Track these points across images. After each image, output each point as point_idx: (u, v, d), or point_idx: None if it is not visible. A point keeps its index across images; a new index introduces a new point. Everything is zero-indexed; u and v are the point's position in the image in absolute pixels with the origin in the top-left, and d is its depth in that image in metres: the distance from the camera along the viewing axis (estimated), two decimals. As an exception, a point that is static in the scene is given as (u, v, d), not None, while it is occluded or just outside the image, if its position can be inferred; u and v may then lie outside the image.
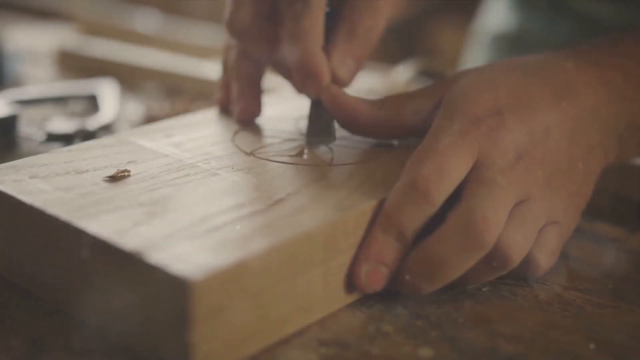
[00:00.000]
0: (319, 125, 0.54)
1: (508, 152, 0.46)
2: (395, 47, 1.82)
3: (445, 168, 0.45)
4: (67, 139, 0.67)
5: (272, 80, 0.78)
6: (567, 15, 0.79)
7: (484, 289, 0.48)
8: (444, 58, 1.05)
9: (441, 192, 0.44)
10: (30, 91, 0.79)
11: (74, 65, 0.94)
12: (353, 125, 0.52)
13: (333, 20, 0.55)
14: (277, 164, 0.51)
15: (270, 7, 0.56)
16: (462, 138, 0.46)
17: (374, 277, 0.45)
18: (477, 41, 0.97)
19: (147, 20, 1.10)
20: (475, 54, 0.96)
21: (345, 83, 0.54)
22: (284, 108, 0.62)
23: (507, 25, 0.89)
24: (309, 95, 0.54)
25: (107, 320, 0.42)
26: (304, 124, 0.58)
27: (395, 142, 0.54)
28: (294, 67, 0.53)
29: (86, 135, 0.67)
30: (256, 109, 0.58)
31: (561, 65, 0.51)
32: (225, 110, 0.60)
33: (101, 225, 0.42)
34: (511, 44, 0.88)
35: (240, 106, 0.58)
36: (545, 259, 0.47)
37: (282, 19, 0.54)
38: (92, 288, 0.42)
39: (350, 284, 0.45)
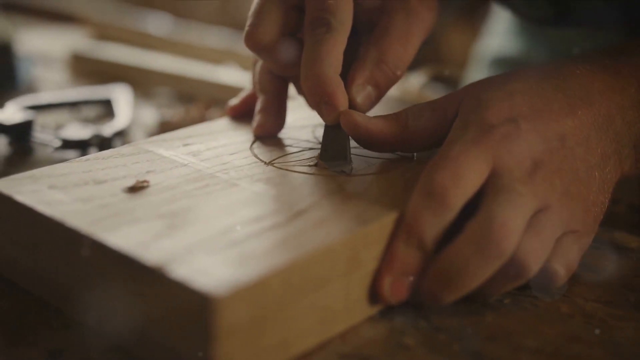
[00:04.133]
0: (334, 149, 0.53)
1: (524, 160, 0.46)
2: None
3: (460, 174, 0.44)
4: (82, 146, 0.67)
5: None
6: (571, 46, 0.79)
7: (505, 301, 0.47)
8: (455, 63, 1.05)
9: (458, 198, 0.44)
10: (44, 96, 0.79)
11: (86, 69, 0.94)
12: (380, 147, 0.52)
13: (357, 45, 0.54)
14: (297, 174, 0.50)
15: (296, 22, 0.54)
16: (476, 145, 0.46)
17: (398, 288, 0.44)
18: (478, 62, 0.96)
19: (158, 24, 1.10)
20: (476, 75, 0.95)
21: (362, 111, 0.53)
22: (301, 116, 0.61)
23: (510, 49, 0.88)
24: (324, 120, 0.52)
25: (127, 333, 0.42)
26: (321, 133, 0.57)
27: (415, 153, 0.54)
28: (309, 91, 0.51)
29: (101, 141, 0.67)
30: (273, 125, 0.57)
31: (575, 73, 0.51)
32: (234, 119, 0.60)
33: (122, 238, 0.41)
34: (512, 68, 0.87)
35: (258, 121, 0.57)
36: (563, 269, 0.47)
37: (304, 41, 0.52)
38: (112, 300, 0.42)
39: (372, 296, 0.45)
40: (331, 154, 0.53)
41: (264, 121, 0.57)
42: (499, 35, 0.91)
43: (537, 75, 0.51)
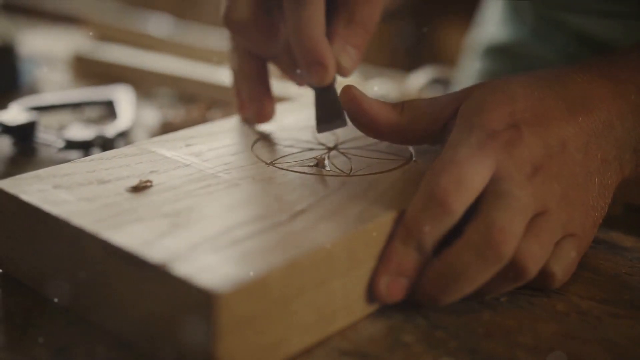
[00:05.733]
0: (329, 110, 0.55)
1: (525, 165, 0.46)
2: (406, 54, 1.83)
3: (464, 179, 0.45)
4: (85, 146, 0.67)
5: (290, 89, 0.79)
6: (559, 30, 0.79)
7: (501, 299, 0.48)
8: (453, 65, 1.05)
9: (460, 203, 0.45)
10: (47, 98, 0.80)
11: (88, 70, 0.94)
12: (372, 128, 0.52)
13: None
14: (297, 174, 0.51)
15: (268, 0, 0.56)
16: (480, 150, 0.46)
17: (394, 288, 0.45)
18: (472, 51, 0.97)
19: (160, 25, 1.10)
20: (470, 64, 0.96)
21: (348, 71, 0.55)
22: (301, 117, 0.62)
23: (502, 37, 0.89)
24: (315, 83, 0.54)
25: (131, 329, 0.43)
26: (322, 133, 0.58)
27: (413, 152, 0.55)
28: (299, 55, 0.53)
29: (104, 142, 0.68)
30: (270, 109, 0.59)
31: (575, 80, 0.51)
32: (245, 117, 0.61)
33: (126, 236, 0.42)
34: (504, 56, 0.88)
35: (254, 109, 0.58)
36: (561, 271, 0.48)
37: (284, 6, 0.54)
38: (116, 298, 0.43)
39: (371, 294, 0.46)
40: (326, 115, 0.55)
41: (259, 108, 0.58)
42: (492, 23, 0.92)
43: (538, 81, 0.51)
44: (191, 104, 0.84)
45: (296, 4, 0.53)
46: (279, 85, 0.79)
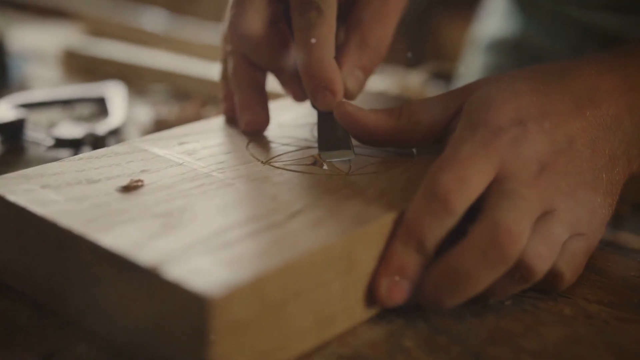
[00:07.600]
0: (334, 138, 0.52)
1: (531, 163, 0.45)
2: (406, 50, 1.82)
3: (466, 177, 0.44)
4: (75, 144, 0.66)
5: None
6: (567, 23, 0.78)
7: (506, 303, 0.47)
8: (455, 60, 1.04)
9: (461, 202, 0.44)
10: (37, 94, 0.79)
11: (79, 66, 0.93)
12: (372, 139, 0.52)
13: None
14: (294, 173, 0.50)
15: (276, 13, 0.54)
16: (484, 148, 0.45)
17: (395, 290, 0.44)
18: (476, 45, 0.96)
19: (153, 20, 1.09)
20: (473, 58, 0.95)
21: (354, 95, 0.54)
22: (298, 114, 0.61)
23: (506, 30, 0.88)
24: (320, 107, 0.53)
25: (121, 334, 0.41)
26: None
27: (414, 151, 0.54)
28: (306, 77, 0.52)
29: (95, 140, 0.67)
30: (263, 119, 0.56)
31: (583, 74, 0.50)
32: (231, 120, 0.58)
33: (116, 237, 0.41)
34: (510, 49, 0.88)
35: (246, 118, 0.56)
36: (569, 272, 0.46)
37: (293, 27, 0.52)
38: (106, 301, 0.42)
39: (371, 297, 0.44)
40: (332, 143, 0.52)
41: (252, 117, 0.56)
42: (497, 17, 0.91)
43: (544, 76, 0.50)
44: (185, 100, 0.83)
45: (307, 25, 0.51)
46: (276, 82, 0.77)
